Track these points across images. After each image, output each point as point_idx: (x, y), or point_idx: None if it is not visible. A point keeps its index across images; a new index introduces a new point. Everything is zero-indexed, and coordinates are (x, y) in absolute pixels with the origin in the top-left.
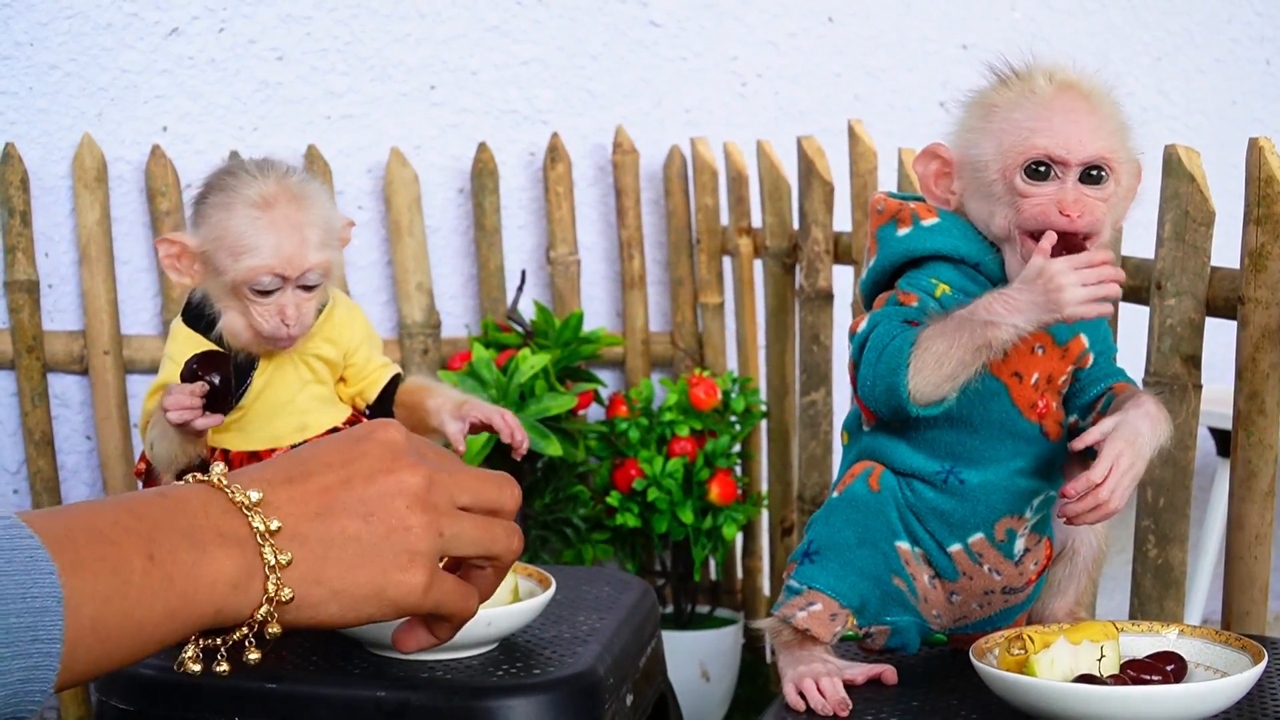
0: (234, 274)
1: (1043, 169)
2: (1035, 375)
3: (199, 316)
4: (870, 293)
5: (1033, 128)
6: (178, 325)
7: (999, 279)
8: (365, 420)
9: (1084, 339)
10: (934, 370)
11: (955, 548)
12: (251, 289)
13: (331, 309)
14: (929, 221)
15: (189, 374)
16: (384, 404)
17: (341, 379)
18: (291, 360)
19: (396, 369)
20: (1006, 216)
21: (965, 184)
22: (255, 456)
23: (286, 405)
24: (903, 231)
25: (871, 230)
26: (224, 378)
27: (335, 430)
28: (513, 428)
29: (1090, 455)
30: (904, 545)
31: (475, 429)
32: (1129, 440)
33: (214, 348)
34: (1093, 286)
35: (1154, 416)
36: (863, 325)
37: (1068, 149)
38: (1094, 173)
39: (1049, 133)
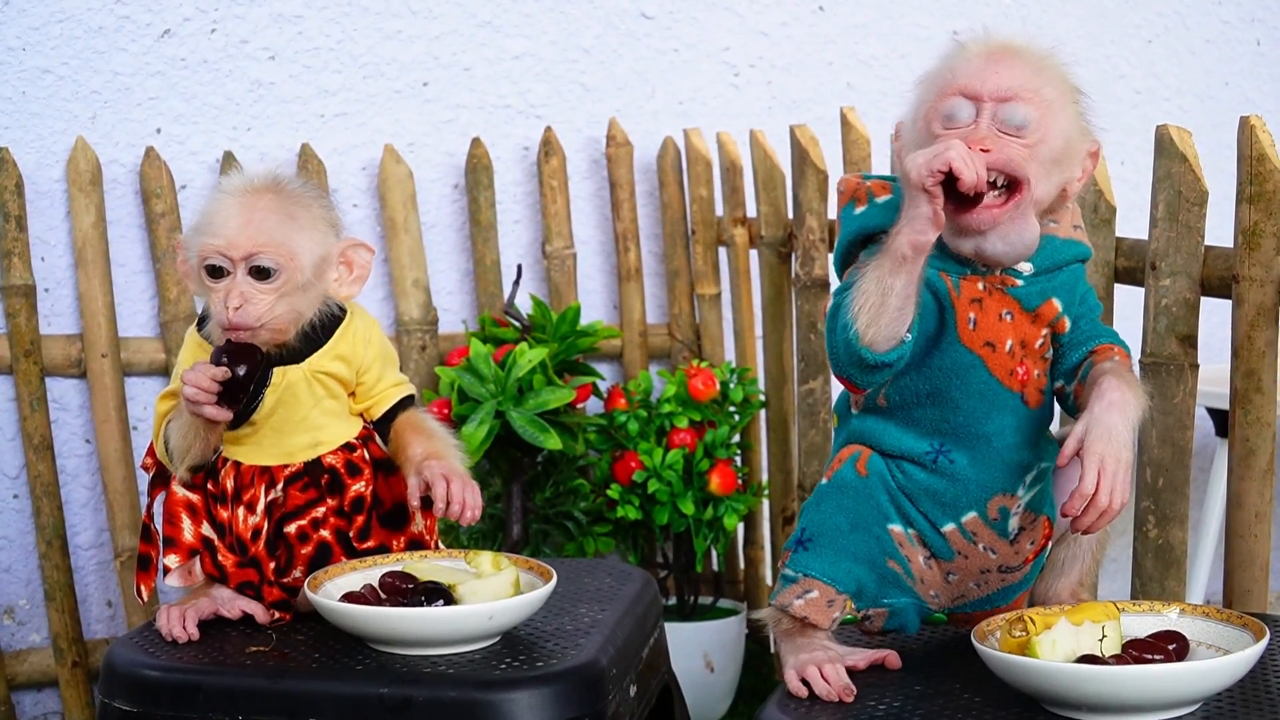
0: (194, 256)
1: (961, 112)
2: (1009, 342)
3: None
4: (841, 271)
5: (952, 70)
6: (190, 333)
7: (951, 248)
8: (375, 435)
9: (1056, 303)
10: (864, 301)
11: (949, 527)
12: (205, 271)
13: (347, 325)
14: (883, 198)
15: (215, 359)
16: (387, 424)
17: (352, 394)
18: (304, 377)
19: (408, 390)
20: None
21: (908, 147)
22: (267, 471)
23: (300, 422)
24: (859, 210)
25: (836, 211)
26: (250, 371)
27: (349, 445)
28: (451, 498)
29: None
30: (897, 528)
31: (426, 487)
32: (1104, 439)
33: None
34: (928, 155)
35: (1120, 403)
36: (830, 305)
37: (981, 81)
38: (1015, 114)
39: (965, 73)
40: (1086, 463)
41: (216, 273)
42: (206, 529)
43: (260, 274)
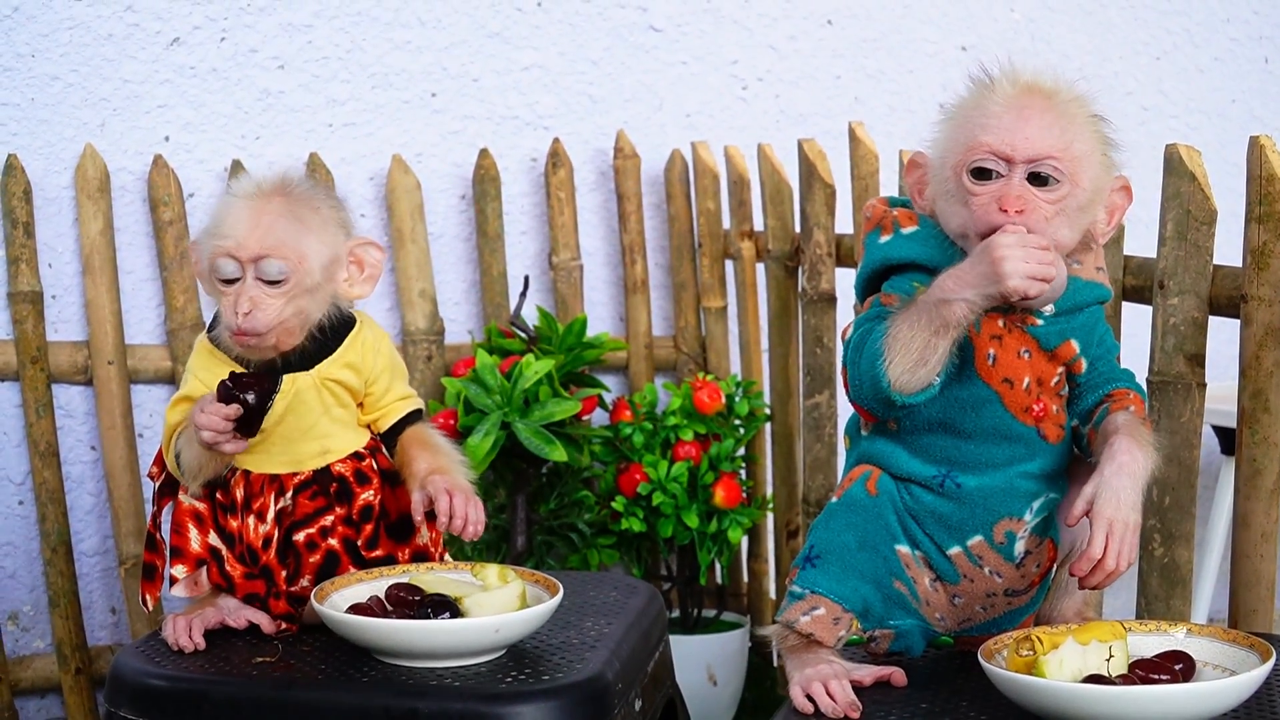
0: (205, 260)
1: (990, 167)
2: (1026, 379)
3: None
4: (861, 296)
5: (983, 125)
6: (201, 339)
7: None
8: (382, 447)
9: (1074, 344)
10: (904, 355)
11: (955, 550)
12: (216, 276)
13: (356, 334)
14: (908, 230)
15: (224, 394)
16: (394, 437)
17: (360, 404)
18: (313, 385)
19: (416, 404)
20: (961, 215)
21: (934, 187)
22: (276, 479)
23: (309, 430)
24: (884, 239)
25: (861, 235)
26: (259, 396)
27: (357, 455)
28: (455, 513)
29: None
30: (904, 549)
31: (431, 501)
32: (1113, 504)
33: (234, 366)
34: (1034, 265)
35: (1130, 465)
36: (850, 331)
37: (1012, 145)
38: (1042, 174)
39: (996, 130)
40: (1095, 526)
41: (226, 277)
42: (214, 538)
43: (269, 278)
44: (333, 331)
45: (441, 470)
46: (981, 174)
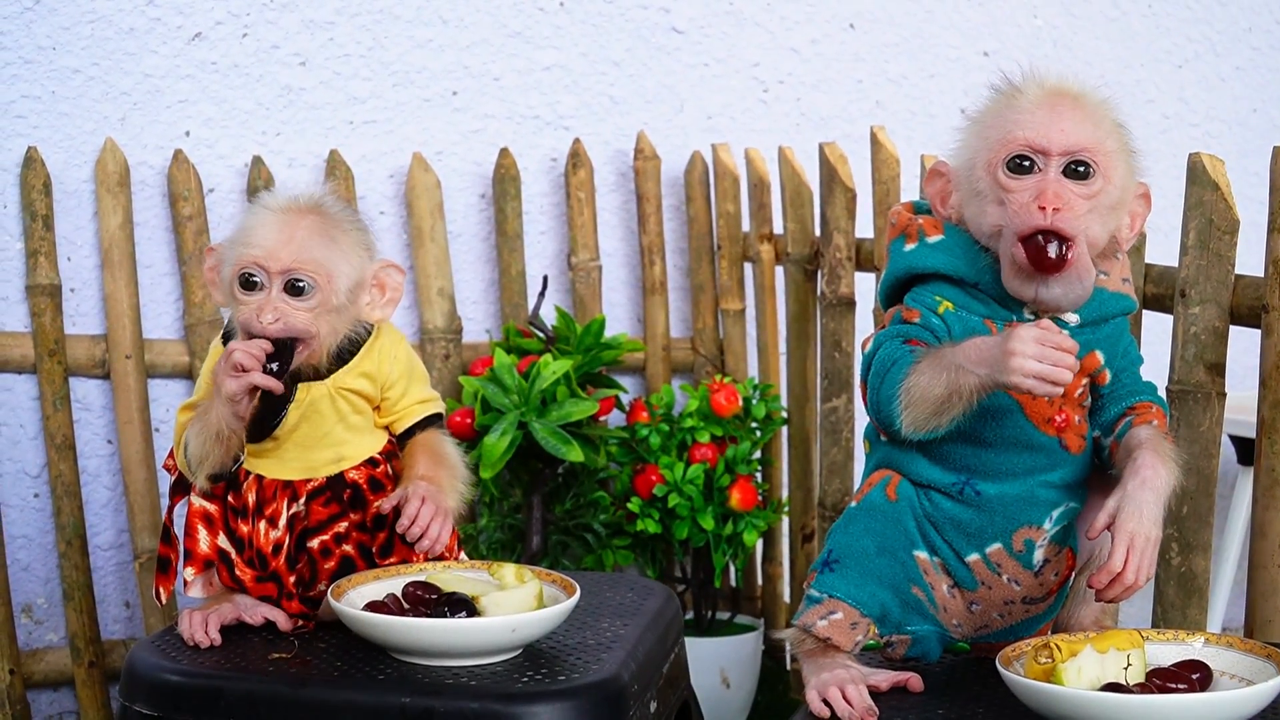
0: (230, 267)
1: (1025, 163)
2: None
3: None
4: (885, 303)
5: (1016, 121)
6: (216, 344)
7: (998, 295)
8: (398, 449)
9: (1099, 355)
10: (919, 408)
11: (973, 558)
12: (239, 283)
13: (373, 342)
14: (934, 238)
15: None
16: (409, 440)
17: (376, 408)
18: (327, 394)
19: (435, 408)
20: (996, 214)
21: (961, 192)
22: (289, 485)
23: (323, 438)
24: (909, 248)
25: (886, 242)
26: (282, 365)
27: (372, 461)
28: (418, 519)
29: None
30: (922, 555)
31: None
32: (1136, 518)
33: None
34: (1046, 366)
35: (1152, 480)
36: (870, 345)
37: (1048, 138)
38: (1078, 168)
39: (1030, 125)
40: (1117, 540)
41: (250, 285)
42: (223, 541)
43: (295, 291)
44: (349, 340)
45: (432, 480)
46: (1017, 170)
